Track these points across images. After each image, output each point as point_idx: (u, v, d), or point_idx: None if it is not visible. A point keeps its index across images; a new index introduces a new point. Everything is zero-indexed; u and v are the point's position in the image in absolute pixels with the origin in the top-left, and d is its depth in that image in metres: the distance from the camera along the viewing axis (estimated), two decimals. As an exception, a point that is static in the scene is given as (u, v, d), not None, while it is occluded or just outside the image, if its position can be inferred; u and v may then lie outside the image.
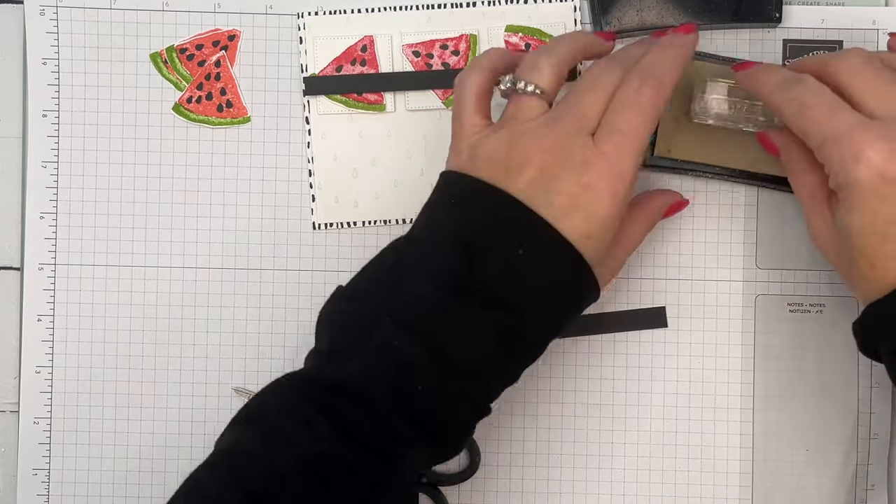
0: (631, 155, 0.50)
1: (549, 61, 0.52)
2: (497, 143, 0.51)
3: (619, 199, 0.50)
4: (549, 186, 0.49)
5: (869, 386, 0.62)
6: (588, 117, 0.50)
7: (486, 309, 0.49)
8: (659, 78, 0.51)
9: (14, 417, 0.63)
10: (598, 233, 0.50)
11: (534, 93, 0.52)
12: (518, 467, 0.62)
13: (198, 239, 0.63)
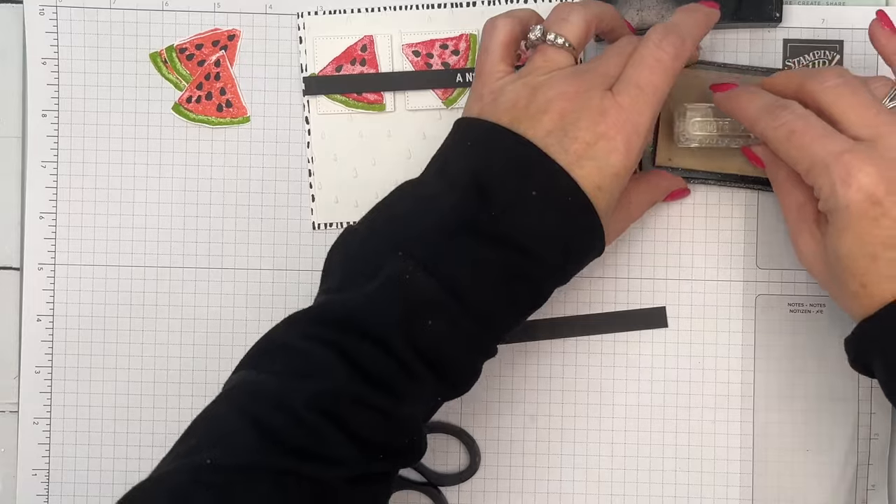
0: (647, 109, 0.51)
1: (580, 15, 0.53)
2: (520, 90, 0.51)
3: (632, 152, 0.50)
4: (567, 132, 0.50)
5: (869, 386, 0.62)
6: (611, 75, 0.51)
7: (497, 248, 0.49)
8: (681, 36, 0.52)
9: (14, 417, 0.63)
10: (608, 185, 0.50)
11: (563, 45, 0.52)
12: (518, 467, 0.62)
13: (198, 239, 0.63)
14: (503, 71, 0.53)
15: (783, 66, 0.62)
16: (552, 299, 0.62)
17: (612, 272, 0.62)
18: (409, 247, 0.49)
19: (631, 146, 0.50)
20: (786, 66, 0.62)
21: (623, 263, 0.62)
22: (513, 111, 0.51)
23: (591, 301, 0.62)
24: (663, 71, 0.51)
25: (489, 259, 0.49)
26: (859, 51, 0.62)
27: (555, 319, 0.62)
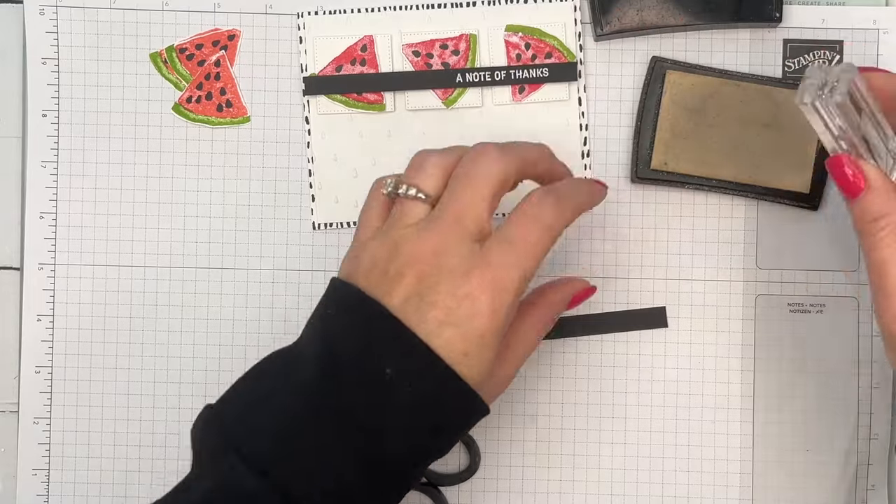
0: (518, 266, 0.47)
1: (437, 163, 0.50)
2: (379, 250, 0.48)
3: (499, 314, 0.46)
4: (425, 297, 0.46)
5: (869, 386, 0.62)
6: (465, 216, 0.47)
7: (345, 434, 0.45)
8: (562, 199, 0.49)
9: (14, 417, 0.63)
10: (476, 350, 0.46)
11: (416, 197, 0.49)
12: (518, 467, 0.62)
13: (198, 239, 0.63)
14: (373, 227, 0.50)
15: (783, 66, 0.62)
16: (552, 299, 0.62)
17: (612, 272, 0.62)
18: (250, 439, 0.46)
19: (497, 306, 0.46)
20: (786, 66, 0.62)
21: (623, 263, 0.62)
22: (371, 274, 0.48)
23: (591, 301, 0.62)
24: (539, 229, 0.48)
25: (336, 446, 0.45)
26: (859, 51, 0.62)
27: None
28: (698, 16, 0.61)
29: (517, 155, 0.50)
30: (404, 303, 0.46)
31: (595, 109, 0.63)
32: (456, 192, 0.48)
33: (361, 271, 0.48)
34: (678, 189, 0.62)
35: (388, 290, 0.47)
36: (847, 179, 0.48)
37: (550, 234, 0.48)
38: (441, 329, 0.46)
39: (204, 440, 0.48)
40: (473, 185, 0.48)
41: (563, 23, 0.62)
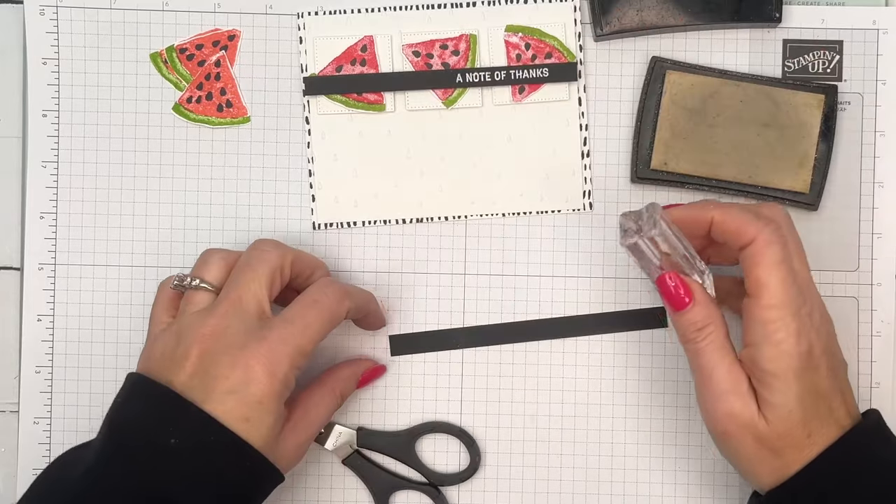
0: (291, 343, 0.51)
1: (221, 257, 0.55)
2: (168, 339, 0.53)
3: (275, 381, 0.51)
4: (209, 371, 0.51)
5: (869, 386, 0.62)
6: (244, 299, 0.52)
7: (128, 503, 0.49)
8: (347, 292, 0.55)
9: (14, 417, 0.63)
10: (256, 415, 0.51)
11: (199, 287, 0.54)
12: (518, 467, 0.62)
13: (197, 239, 0.63)
14: (164, 322, 0.55)
15: (783, 66, 0.62)
16: (552, 300, 0.62)
17: (611, 272, 0.62)
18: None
19: (274, 374, 0.51)
20: (785, 66, 0.62)
21: (623, 264, 0.62)
22: (162, 361, 0.52)
23: (591, 301, 0.62)
24: (317, 312, 0.53)
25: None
26: (859, 51, 0.62)
27: (554, 320, 0.62)
28: (698, 16, 0.61)
29: (293, 253, 0.55)
30: (190, 379, 0.51)
31: (595, 109, 0.63)
32: (237, 278, 0.53)
33: (153, 360, 0.53)
34: (678, 189, 0.62)
35: (176, 371, 0.51)
36: (675, 296, 0.53)
37: (328, 319, 0.53)
38: (224, 397, 0.50)
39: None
40: (253, 271, 0.53)
41: (563, 23, 0.62)
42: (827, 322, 0.54)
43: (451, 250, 0.63)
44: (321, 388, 0.58)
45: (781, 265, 0.51)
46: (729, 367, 0.52)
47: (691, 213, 0.54)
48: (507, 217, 0.63)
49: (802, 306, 0.52)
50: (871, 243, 0.62)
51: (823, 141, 0.61)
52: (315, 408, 0.57)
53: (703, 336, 0.53)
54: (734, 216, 0.53)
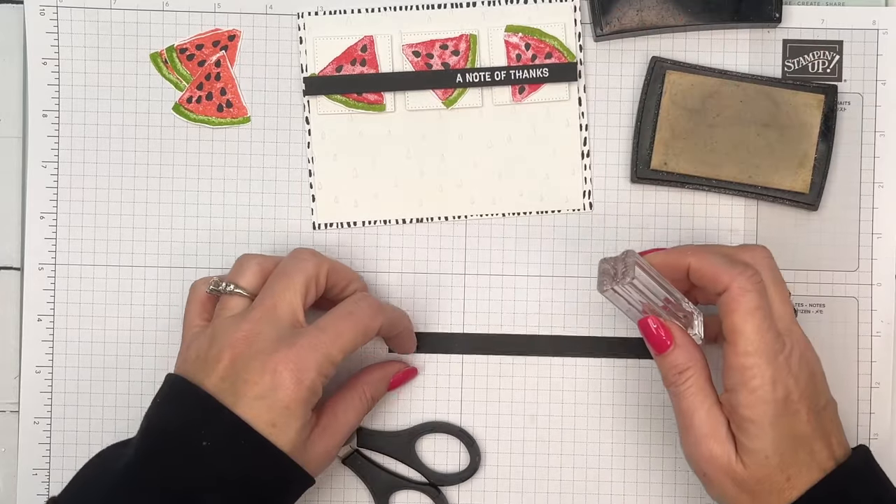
0: (321, 352, 0.52)
1: (257, 263, 0.56)
2: (202, 342, 0.54)
3: (302, 387, 0.52)
4: (240, 375, 0.52)
5: (869, 386, 0.62)
6: (278, 307, 0.53)
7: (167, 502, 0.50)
8: (381, 305, 0.56)
9: (14, 417, 0.63)
10: (283, 420, 0.51)
11: (234, 292, 0.55)
12: (518, 467, 0.62)
13: (198, 239, 0.63)
14: (198, 325, 0.56)
15: (783, 66, 0.62)
16: (552, 300, 0.62)
17: (611, 272, 0.62)
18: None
19: (301, 381, 0.51)
20: (785, 66, 0.62)
21: (623, 263, 0.62)
22: (196, 363, 0.53)
23: (591, 301, 0.62)
24: (351, 324, 0.53)
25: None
26: (858, 51, 0.62)
27: (556, 337, 0.62)
28: (698, 16, 0.61)
29: (329, 263, 0.56)
30: (221, 382, 0.52)
31: (595, 109, 0.63)
32: (273, 286, 0.54)
33: (189, 363, 0.54)
34: (678, 189, 0.62)
35: (208, 373, 0.52)
36: (657, 338, 0.54)
37: (361, 331, 0.54)
38: (253, 402, 0.51)
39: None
40: (289, 278, 0.54)
41: (563, 23, 0.62)
42: (809, 364, 0.53)
43: (451, 250, 0.63)
44: (350, 391, 0.58)
45: (756, 312, 0.51)
46: (708, 410, 0.53)
47: (669, 260, 0.55)
48: (507, 217, 0.63)
49: (780, 352, 0.52)
50: (871, 243, 0.62)
51: (823, 141, 0.61)
52: (344, 412, 0.57)
53: (684, 379, 0.53)
54: (709, 263, 0.53)
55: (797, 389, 0.52)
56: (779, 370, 0.51)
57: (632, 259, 0.53)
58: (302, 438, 0.53)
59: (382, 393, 0.60)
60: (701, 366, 0.54)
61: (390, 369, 0.60)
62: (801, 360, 0.52)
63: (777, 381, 0.51)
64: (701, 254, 0.54)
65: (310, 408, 0.53)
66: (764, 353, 0.51)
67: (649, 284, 0.53)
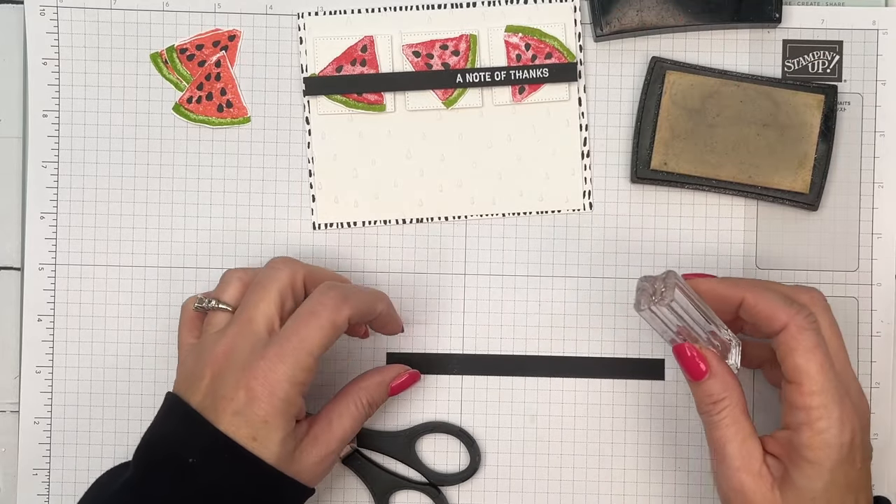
0: (287, 361, 0.51)
1: (238, 277, 0.56)
2: (188, 359, 0.54)
3: (275, 399, 0.51)
4: (218, 391, 0.52)
5: (869, 386, 0.62)
6: (254, 319, 0.53)
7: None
8: (346, 295, 0.53)
9: (14, 417, 0.63)
10: (262, 434, 0.51)
11: (217, 308, 0.55)
12: (518, 467, 0.62)
13: (198, 239, 0.63)
14: (189, 343, 0.56)
15: (783, 66, 0.62)
16: (552, 300, 0.62)
17: (611, 272, 0.62)
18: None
19: (273, 393, 0.51)
20: (785, 66, 0.62)
21: (623, 264, 0.62)
22: (186, 380, 0.54)
23: (591, 301, 0.62)
24: (317, 323, 0.52)
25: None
26: (858, 51, 0.62)
27: (554, 358, 0.62)
28: (698, 16, 0.61)
29: (305, 269, 0.55)
30: (204, 399, 0.52)
31: (595, 109, 0.63)
32: (248, 299, 0.54)
33: (179, 381, 0.54)
34: (678, 189, 0.62)
35: (194, 391, 0.53)
36: (693, 365, 0.53)
37: (328, 328, 0.52)
38: (232, 418, 0.51)
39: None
40: (264, 289, 0.53)
41: (563, 23, 0.62)
42: (866, 409, 0.52)
43: (451, 250, 0.63)
44: (344, 398, 0.57)
45: (817, 350, 0.50)
46: (742, 442, 0.52)
47: (720, 291, 0.54)
48: (507, 217, 0.63)
49: (846, 395, 0.51)
50: (871, 243, 0.62)
51: (823, 141, 0.61)
52: (338, 420, 0.56)
53: (719, 409, 0.52)
54: (765, 300, 0.52)
55: (860, 433, 0.51)
56: (846, 412, 0.50)
57: (672, 280, 0.52)
58: (287, 450, 0.52)
59: (382, 399, 0.58)
60: (737, 396, 0.52)
61: (388, 374, 0.59)
62: (859, 402, 0.52)
63: (844, 423, 0.50)
64: (757, 290, 0.52)
65: (290, 418, 0.52)
66: (831, 393, 0.50)
67: (688, 309, 0.52)
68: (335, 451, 0.56)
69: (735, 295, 0.53)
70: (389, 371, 0.59)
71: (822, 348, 0.51)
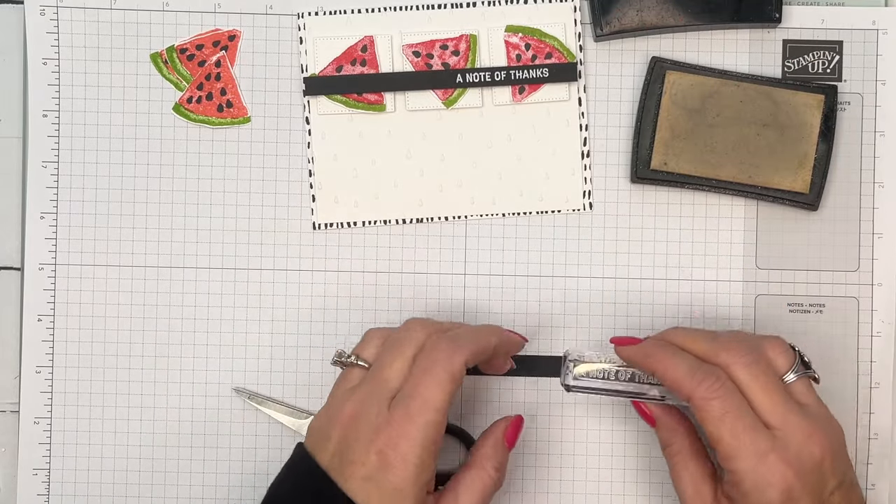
0: (416, 422, 0.50)
1: (379, 336, 0.55)
2: (322, 418, 0.53)
3: (409, 465, 0.50)
4: (345, 456, 0.51)
5: (868, 386, 0.62)
6: (387, 379, 0.52)
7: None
8: (457, 342, 0.52)
9: (14, 417, 0.63)
10: (396, 502, 0.49)
11: (356, 363, 0.54)
12: (518, 467, 0.62)
13: (198, 239, 0.63)
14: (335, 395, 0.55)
15: (783, 66, 0.62)
16: (552, 300, 0.62)
17: (611, 272, 0.62)
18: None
19: (407, 459, 0.50)
20: (785, 66, 0.62)
21: (623, 264, 0.62)
22: (314, 435, 0.53)
23: (591, 301, 0.62)
24: (434, 379, 0.51)
25: None
26: (858, 51, 0.62)
27: (554, 358, 0.62)
28: (698, 16, 0.61)
29: (442, 327, 0.55)
30: (331, 459, 0.51)
31: (595, 109, 0.63)
32: (382, 358, 0.53)
33: (310, 435, 0.54)
34: (678, 189, 0.62)
35: (321, 449, 0.52)
36: (645, 416, 0.57)
37: (447, 381, 0.51)
38: (361, 484, 0.50)
39: None
40: (398, 349, 0.53)
41: (563, 23, 0.62)
42: (815, 449, 0.51)
43: (451, 250, 0.63)
44: (470, 469, 0.54)
45: (726, 418, 0.51)
46: (694, 486, 0.54)
47: (635, 361, 0.55)
48: (507, 217, 0.63)
49: (770, 450, 0.50)
50: (871, 243, 0.62)
51: (823, 141, 0.61)
52: (466, 491, 0.53)
53: (671, 455, 0.56)
54: (673, 372, 0.52)
55: (798, 482, 0.50)
56: (770, 470, 0.50)
57: (566, 362, 0.56)
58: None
59: (505, 458, 0.55)
60: (681, 438, 0.55)
61: (499, 431, 0.56)
62: (802, 448, 0.51)
63: (769, 483, 0.50)
64: (667, 360, 0.53)
65: (422, 486, 0.50)
66: (747, 456, 0.50)
67: (604, 375, 0.55)
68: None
69: (647, 367, 0.54)
70: (498, 427, 0.56)
71: (733, 413, 0.51)
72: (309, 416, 0.62)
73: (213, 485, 0.62)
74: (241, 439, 0.62)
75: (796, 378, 0.53)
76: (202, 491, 0.62)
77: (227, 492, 0.62)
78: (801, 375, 0.54)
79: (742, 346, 0.53)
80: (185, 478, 0.62)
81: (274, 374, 0.62)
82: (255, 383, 0.62)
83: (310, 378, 0.62)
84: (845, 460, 0.53)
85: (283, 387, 0.62)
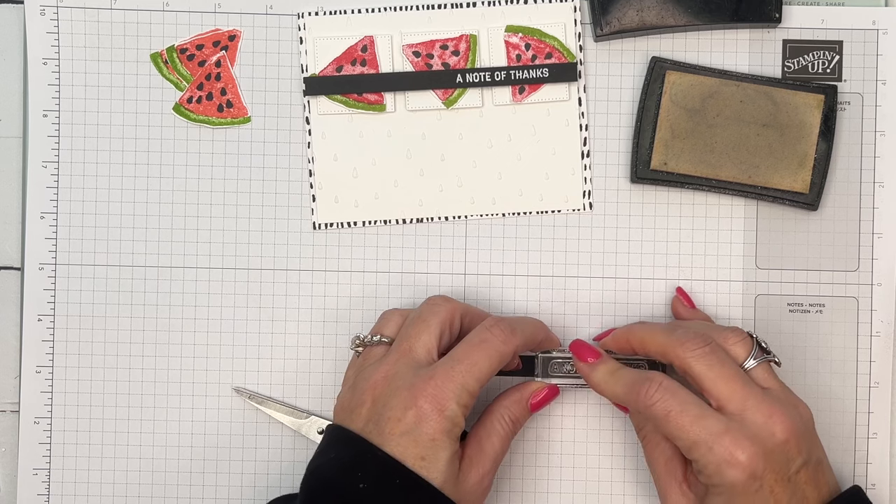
0: (457, 382, 0.53)
1: (399, 314, 0.57)
2: (346, 390, 0.56)
3: (444, 417, 0.52)
4: (382, 414, 0.53)
5: (868, 386, 0.62)
6: (414, 350, 0.54)
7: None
8: (513, 328, 0.55)
9: (14, 417, 0.63)
10: (431, 453, 0.52)
11: (380, 342, 0.57)
12: (518, 467, 0.62)
13: (198, 239, 0.63)
14: (350, 378, 0.57)
15: (783, 66, 0.62)
16: (552, 300, 0.62)
17: (611, 272, 0.62)
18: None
19: (441, 411, 0.52)
20: (785, 66, 0.62)
21: (623, 264, 0.62)
22: (342, 412, 0.55)
23: (591, 301, 0.62)
24: (484, 352, 0.54)
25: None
26: (858, 51, 0.62)
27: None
28: (698, 16, 0.61)
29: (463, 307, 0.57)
30: (366, 425, 0.53)
31: (595, 109, 0.63)
32: (408, 331, 0.55)
33: (337, 413, 0.56)
34: (678, 189, 0.62)
35: (354, 419, 0.54)
36: (618, 405, 0.59)
37: (496, 358, 0.54)
38: (399, 439, 0.52)
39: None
40: (424, 322, 0.55)
41: (563, 23, 0.62)
42: (777, 430, 0.52)
43: (451, 250, 0.63)
44: (488, 418, 0.57)
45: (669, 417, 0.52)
46: (664, 463, 0.56)
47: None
48: (507, 217, 0.63)
49: (724, 433, 0.51)
50: (871, 243, 0.62)
51: (823, 141, 0.61)
52: (487, 439, 0.56)
53: (643, 435, 0.57)
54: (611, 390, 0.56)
55: (761, 460, 0.51)
56: (726, 450, 0.51)
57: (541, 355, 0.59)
58: (452, 471, 0.52)
59: (524, 416, 0.58)
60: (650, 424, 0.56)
61: (527, 391, 0.58)
62: (761, 428, 0.51)
63: (728, 462, 0.51)
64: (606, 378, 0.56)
65: (455, 438, 0.53)
66: (700, 443, 0.51)
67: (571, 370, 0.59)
68: (490, 472, 0.55)
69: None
70: (528, 387, 0.59)
71: (675, 410, 0.52)
72: (309, 416, 0.62)
73: (213, 485, 0.62)
74: (241, 439, 0.62)
75: (756, 364, 0.54)
76: (202, 491, 0.62)
77: (227, 492, 0.62)
78: (761, 361, 0.54)
79: (697, 339, 0.54)
80: (185, 478, 0.62)
81: (274, 374, 0.62)
82: (255, 383, 0.62)
83: (310, 378, 0.62)
84: (812, 440, 0.53)
85: (283, 387, 0.62)
